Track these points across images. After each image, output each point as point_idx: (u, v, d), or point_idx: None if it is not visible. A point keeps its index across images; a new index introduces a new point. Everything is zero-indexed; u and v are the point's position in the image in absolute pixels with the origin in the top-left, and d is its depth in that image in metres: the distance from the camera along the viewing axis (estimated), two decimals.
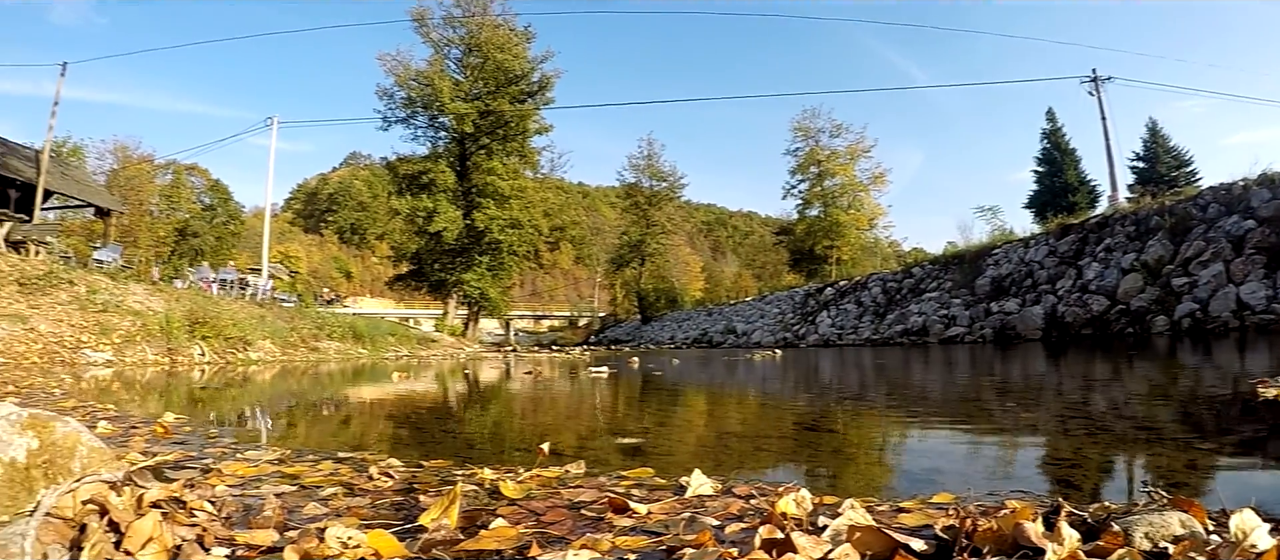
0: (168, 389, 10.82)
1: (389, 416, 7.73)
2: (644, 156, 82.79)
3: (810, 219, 71.28)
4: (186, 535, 2.20)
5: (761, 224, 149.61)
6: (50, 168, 32.35)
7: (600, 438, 5.63)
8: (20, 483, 2.23)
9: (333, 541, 2.08)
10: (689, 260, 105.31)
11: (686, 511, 2.41)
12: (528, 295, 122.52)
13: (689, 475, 2.93)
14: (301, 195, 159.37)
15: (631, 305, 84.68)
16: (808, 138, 71.19)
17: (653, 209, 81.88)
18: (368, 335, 27.33)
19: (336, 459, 3.99)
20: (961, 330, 28.42)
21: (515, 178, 55.07)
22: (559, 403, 9.02)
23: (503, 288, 58.07)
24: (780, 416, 6.87)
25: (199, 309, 19.83)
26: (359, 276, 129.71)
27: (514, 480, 3.11)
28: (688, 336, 57.03)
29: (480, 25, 55.19)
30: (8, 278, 17.05)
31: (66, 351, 14.63)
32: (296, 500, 2.89)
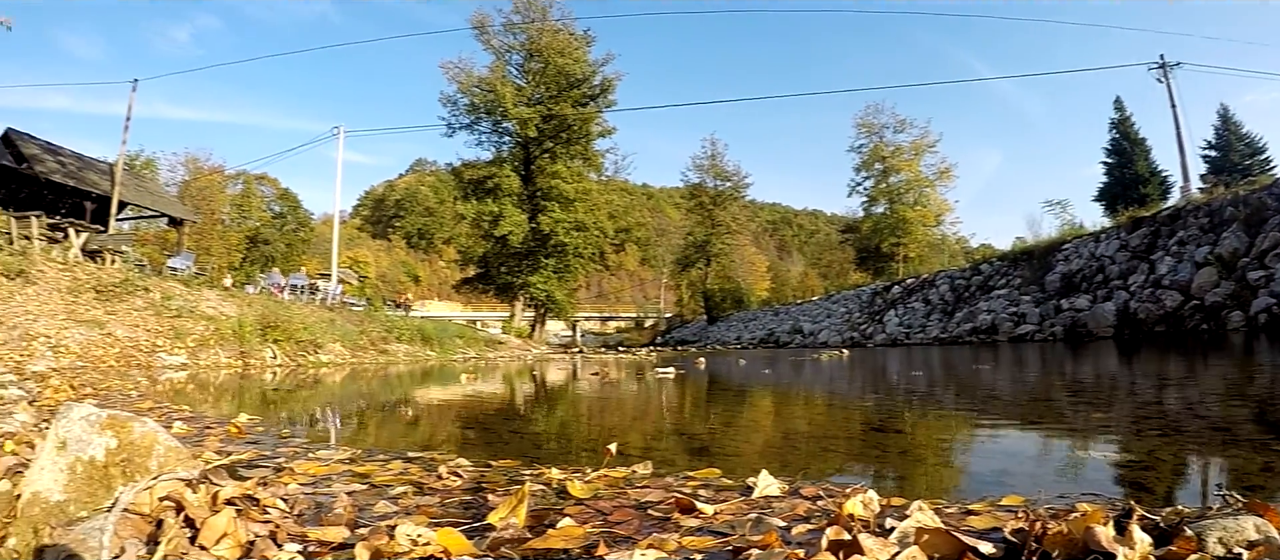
0: (240, 391, 11.00)
1: (457, 417, 7.78)
2: (707, 156, 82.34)
3: (876, 216, 70.61)
4: (260, 531, 2.25)
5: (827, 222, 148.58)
6: (124, 180, 33.08)
7: (667, 438, 5.63)
8: (99, 480, 2.31)
9: (402, 539, 2.11)
10: (754, 260, 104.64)
11: (753, 512, 2.40)
12: (594, 297, 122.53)
13: (756, 476, 2.93)
14: (369, 202, 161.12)
15: (697, 306, 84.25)
16: (871, 134, 70.52)
17: (717, 209, 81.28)
18: (436, 338, 27.51)
19: (406, 458, 4.03)
20: (1031, 328, 27.92)
21: (579, 181, 55.22)
22: (626, 404, 9.01)
23: (569, 290, 58.17)
24: (847, 417, 6.81)
25: (270, 313, 20.12)
26: (427, 280, 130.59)
27: (581, 480, 3.12)
28: (754, 337, 56.72)
29: (540, 31, 55.45)
30: (85, 285, 17.44)
31: (142, 355, 14.92)
32: (367, 498, 2.94)
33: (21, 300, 15.26)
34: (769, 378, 13.53)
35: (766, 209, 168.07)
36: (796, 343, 47.87)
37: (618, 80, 56.93)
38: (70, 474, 2.30)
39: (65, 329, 14.59)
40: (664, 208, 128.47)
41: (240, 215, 74.79)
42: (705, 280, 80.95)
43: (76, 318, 15.51)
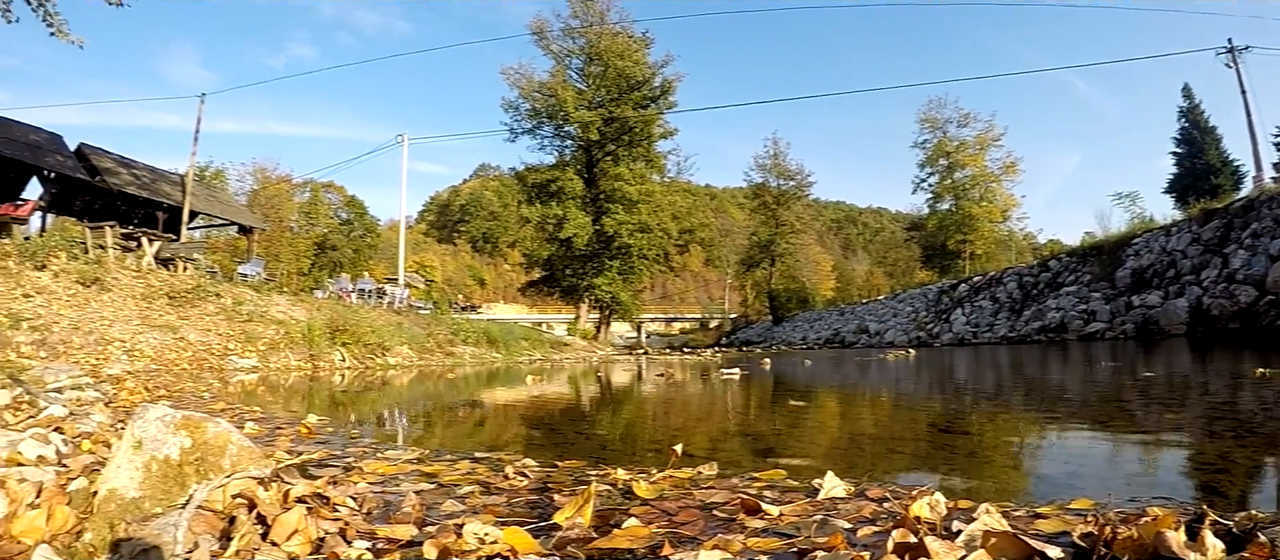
0: (310, 392, 11.14)
1: (523, 418, 7.82)
2: (770, 156, 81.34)
3: (941, 213, 69.38)
4: (330, 529, 2.29)
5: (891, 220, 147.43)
6: (195, 190, 33.87)
7: (732, 439, 5.62)
8: (173, 478, 2.40)
9: (470, 537, 2.13)
10: (819, 259, 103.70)
11: (818, 514, 2.40)
12: (659, 298, 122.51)
13: (821, 477, 2.92)
14: (434, 207, 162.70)
15: (762, 306, 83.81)
16: (935, 129, 69.23)
17: (781, 208, 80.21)
18: (501, 340, 27.61)
19: (473, 459, 4.07)
20: (1101, 326, 27.36)
21: (642, 182, 55.15)
22: (691, 405, 9.00)
23: (633, 291, 58.14)
24: (914, 418, 6.75)
25: (339, 317, 20.33)
26: (492, 283, 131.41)
27: (647, 481, 3.13)
28: (819, 337, 56.34)
29: (599, 34, 55.49)
30: (159, 292, 17.77)
31: (214, 358, 15.16)
32: (435, 497, 2.98)
33: (97, 306, 15.59)
34: (835, 378, 13.46)
35: (830, 207, 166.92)
36: (862, 343, 47.45)
37: (678, 81, 56.89)
38: (145, 472, 2.39)
39: (139, 334, 14.88)
40: (727, 208, 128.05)
41: (308, 222, 75.77)
42: (770, 280, 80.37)
43: (150, 323, 15.81)
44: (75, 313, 14.73)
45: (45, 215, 28.58)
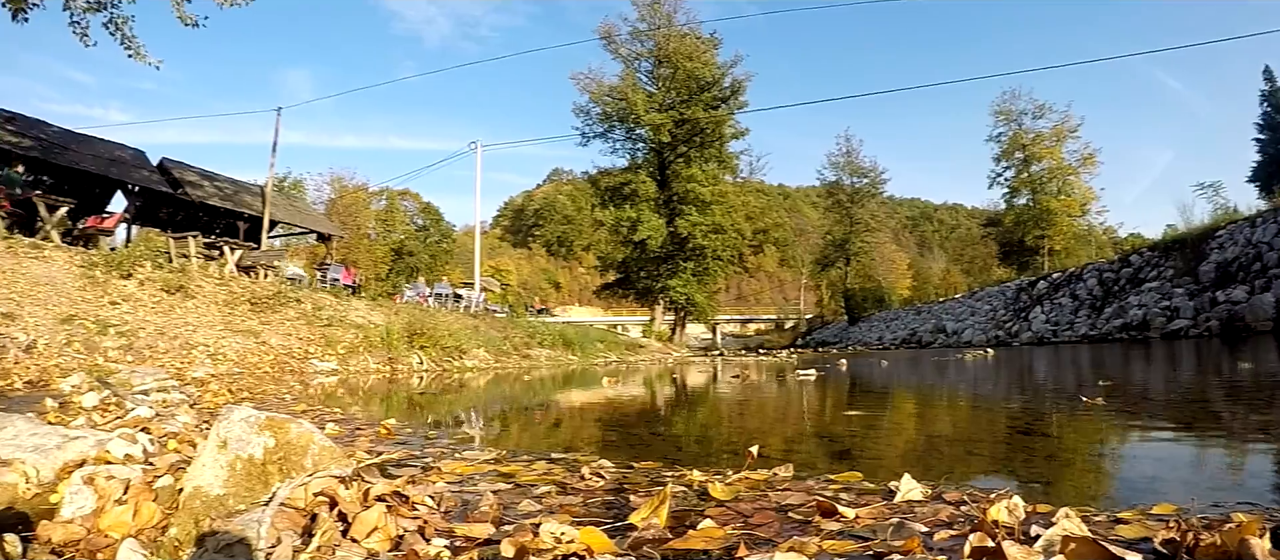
0: (389, 394, 11.28)
1: (599, 420, 7.83)
2: (843, 153, 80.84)
3: (1018, 208, 67.61)
4: (409, 527, 2.33)
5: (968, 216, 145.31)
6: (274, 199, 34.59)
7: (808, 441, 5.59)
8: (257, 476, 2.48)
9: (546, 537, 2.15)
10: (895, 258, 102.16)
11: (895, 517, 2.38)
12: (733, 299, 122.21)
13: (898, 479, 2.89)
14: (509, 212, 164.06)
15: (838, 306, 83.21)
16: (1009, 121, 67.45)
17: (855, 206, 79.60)
18: (577, 342, 27.70)
19: (549, 459, 4.09)
20: (1185, 323, 26.63)
21: (715, 183, 55.08)
22: (767, 406, 8.97)
23: (708, 292, 58.10)
24: (993, 419, 6.66)
25: (416, 321, 20.55)
26: (567, 286, 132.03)
27: (722, 482, 3.12)
28: (896, 337, 55.85)
29: (667, 36, 55.59)
30: (241, 298, 18.12)
31: (295, 362, 15.42)
32: (512, 497, 3.00)
33: (181, 313, 15.93)
34: (912, 379, 13.33)
35: (905, 204, 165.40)
36: (940, 342, 46.94)
37: (747, 81, 56.83)
38: (230, 470, 2.47)
39: (222, 338, 15.17)
40: (801, 207, 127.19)
41: (385, 229, 76.67)
42: (845, 280, 79.79)
43: (232, 328, 16.12)
44: (160, 319, 15.07)
45: (130, 226, 29.51)
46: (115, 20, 15.83)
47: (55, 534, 2.49)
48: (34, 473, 3.01)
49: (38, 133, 25.30)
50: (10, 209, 19.47)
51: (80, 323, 13.23)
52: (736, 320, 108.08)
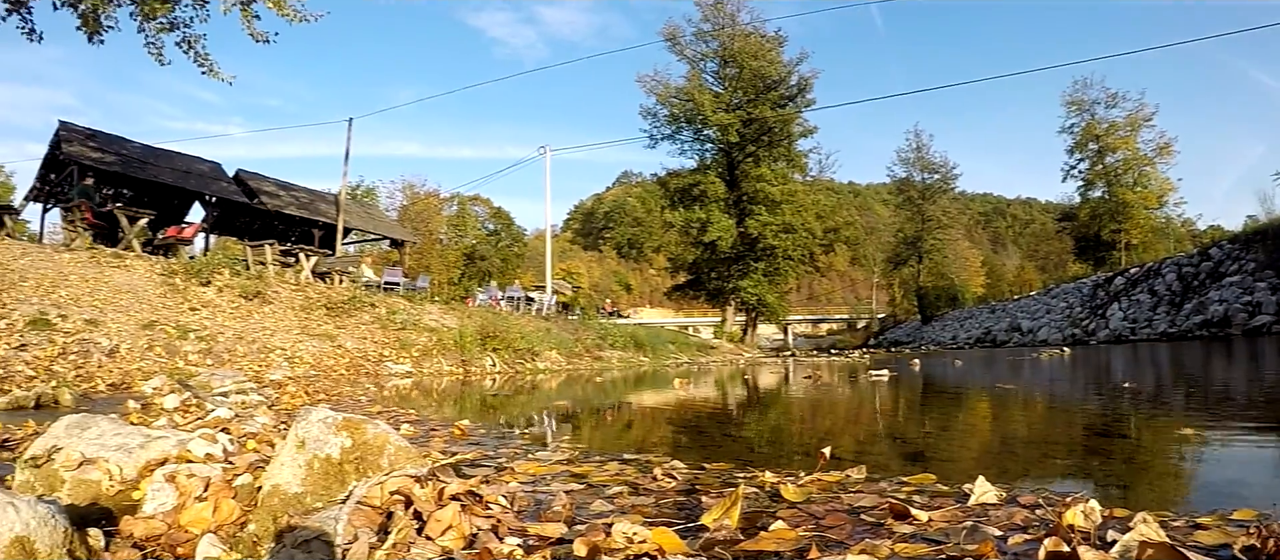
0: (462, 396, 11.41)
1: (670, 421, 7.85)
2: (913, 149, 79.53)
3: (1093, 201, 65.94)
4: (482, 525, 2.36)
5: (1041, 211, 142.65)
6: (348, 207, 35.36)
7: (881, 442, 5.56)
8: (334, 475, 2.54)
9: (618, 536, 2.16)
10: (967, 255, 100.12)
11: (968, 520, 2.36)
12: (805, 299, 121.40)
13: (972, 482, 2.86)
14: (579, 215, 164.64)
15: (910, 305, 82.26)
16: (1082, 111, 65.81)
17: (926, 203, 78.31)
18: (648, 344, 27.76)
19: (621, 460, 4.11)
20: (1268, 319, 25.83)
21: (785, 182, 54.72)
22: (839, 407, 8.93)
23: (779, 293, 57.74)
24: (1069, 421, 6.58)
25: (489, 324, 20.74)
26: (638, 288, 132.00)
27: (794, 484, 3.10)
28: (970, 336, 55.14)
29: (731, 36, 55.36)
30: (316, 303, 18.42)
31: (370, 364, 15.63)
32: (584, 497, 3.03)
33: (259, 318, 16.22)
34: (986, 380, 13.18)
35: (978, 200, 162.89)
36: (1015, 341, 46.24)
37: (814, 78, 56.17)
38: (308, 469, 2.54)
39: (299, 342, 15.42)
40: (872, 205, 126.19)
41: (457, 234, 77.38)
42: (917, 278, 78.80)
43: (309, 332, 16.38)
44: (238, 324, 15.35)
45: (208, 236, 30.52)
46: (188, 39, 16.16)
47: (137, 529, 2.58)
48: (117, 470, 3.12)
49: (118, 149, 26.31)
50: (93, 221, 20.04)
51: (161, 328, 13.52)
52: (808, 320, 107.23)
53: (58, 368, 10.50)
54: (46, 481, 3.05)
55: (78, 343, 11.67)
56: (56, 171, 25.77)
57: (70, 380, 9.83)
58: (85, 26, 15.42)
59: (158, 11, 15.30)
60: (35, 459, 3.15)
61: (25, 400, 7.69)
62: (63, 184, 25.05)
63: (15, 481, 3.13)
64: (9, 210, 22.33)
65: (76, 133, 25.72)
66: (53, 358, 10.83)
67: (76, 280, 14.49)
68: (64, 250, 17.03)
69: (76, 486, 3.02)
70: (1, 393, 8.28)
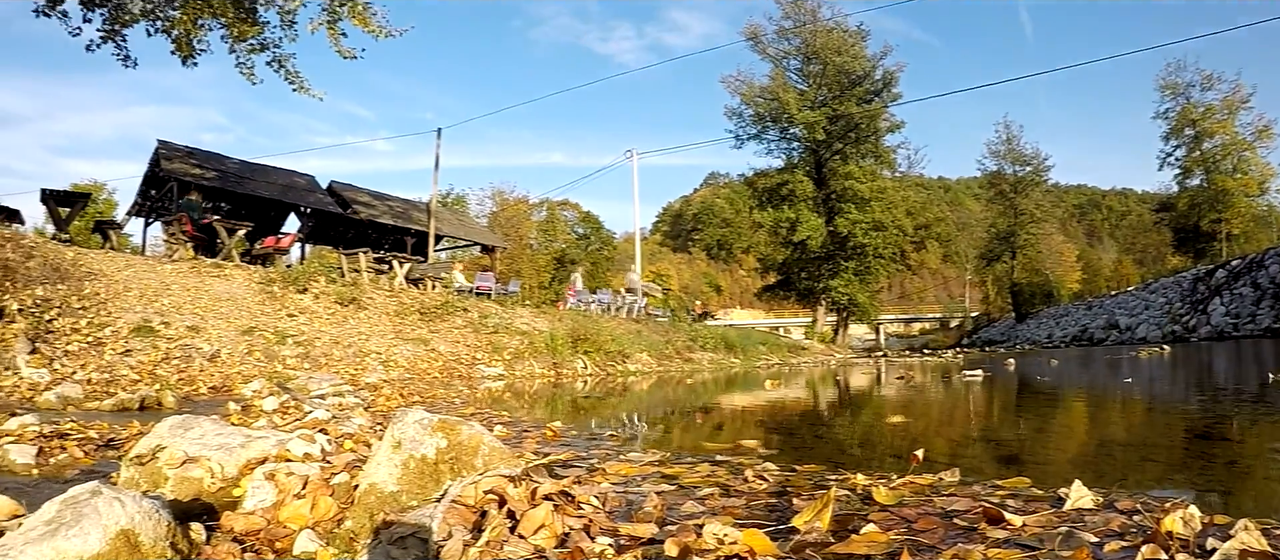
0: (554, 398, 11.51)
1: (761, 422, 7.83)
2: (1003, 141, 77.33)
3: (1192, 190, 63.95)
4: (574, 525, 2.39)
5: (1138, 201, 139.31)
6: (440, 215, 36.14)
7: (974, 445, 5.50)
8: (429, 475, 2.64)
9: (709, 537, 2.18)
10: (1062, 249, 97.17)
11: (1063, 525, 2.32)
12: (897, 298, 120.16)
13: (1067, 486, 2.81)
14: (667, 218, 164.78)
15: (1004, 302, 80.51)
16: (1176, 95, 63.52)
17: (1018, 196, 76.09)
18: (739, 345, 27.72)
19: (712, 462, 4.10)
20: None
21: (873, 179, 54.36)
22: (932, 408, 8.84)
23: (871, 292, 57.36)
24: (1169, 423, 6.43)
25: (580, 327, 20.85)
26: (728, 289, 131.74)
27: (886, 486, 3.07)
28: (1066, 334, 53.95)
29: (813, 32, 55.09)
30: (410, 308, 18.71)
31: (463, 367, 15.81)
32: (675, 498, 3.03)
33: (354, 323, 16.52)
34: (1082, 380, 12.95)
35: (1072, 192, 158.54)
36: (1112, 339, 45.12)
37: (899, 72, 55.87)
38: (403, 469, 2.64)
39: (393, 346, 15.67)
40: (963, 200, 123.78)
41: (546, 239, 78.02)
42: (1011, 274, 77.05)
43: (403, 336, 16.63)
44: (334, 329, 15.65)
45: (303, 245, 31.92)
46: (278, 58, 16.55)
47: (237, 524, 2.70)
48: (218, 469, 3.27)
49: (217, 165, 27.58)
50: (193, 233, 20.67)
51: (260, 333, 13.84)
52: (900, 320, 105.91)
53: (161, 372, 10.80)
54: (151, 478, 3.21)
55: (180, 348, 12.00)
56: (156, 188, 27.09)
57: (173, 383, 10.11)
58: (179, 50, 15.90)
59: (247, 34, 15.70)
60: (140, 457, 3.31)
61: (130, 402, 7.97)
62: (163, 199, 26.27)
63: (121, 478, 3.31)
64: (113, 225, 23.20)
65: (176, 150, 26.93)
66: (156, 362, 11.15)
67: (178, 289, 14.88)
68: (166, 261, 17.52)
69: (179, 483, 3.18)
70: (107, 395, 8.59)
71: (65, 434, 5.31)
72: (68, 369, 9.91)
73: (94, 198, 42.50)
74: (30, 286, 11.56)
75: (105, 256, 15.95)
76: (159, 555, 2.18)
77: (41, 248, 13.69)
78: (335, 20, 15.35)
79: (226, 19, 15.31)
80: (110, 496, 2.18)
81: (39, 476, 4.17)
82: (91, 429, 5.55)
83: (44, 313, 11.07)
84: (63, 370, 9.80)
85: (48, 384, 8.92)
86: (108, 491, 2.21)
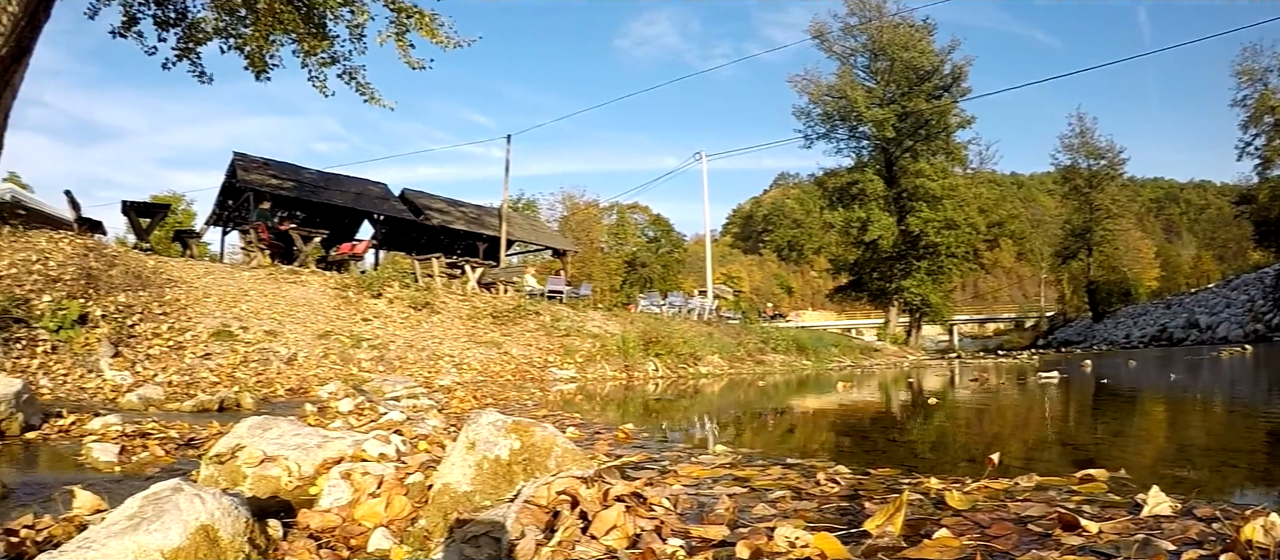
0: (625, 400, 11.57)
1: (833, 425, 7.82)
2: (1076, 134, 74.40)
3: (1273, 180, 60.05)
4: (646, 526, 2.42)
5: (1217, 194, 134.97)
6: (511, 219, 36.98)
7: (1050, 448, 5.44)
8: (502, 475, 2.70)
9: (780, 540, 2.19)
10: (1139, 246, 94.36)
11: (1140, 532, 2.28)
12: (970, 298, 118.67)
13: (1145, 492, 2.78)
14: (738, 219, 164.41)
15: (1080, 301, 78.59)
16: (1253, 80, 59.36)
17: (1093, 191, 72.93)
18: (810, 347, 27.68)
19: (784, 464, 4.12)
20: None
21: (945, 177, 53.52)
22: (1006, 411, 8.74)
23: (944, 292, 56.54)
24: (1250, 426, 6.30)
25: (651, 330, 20.94)
26: (799, 291, 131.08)
27: (960, 490, 3.05)
28: (1144, 334, 52.71)
29: (879, 28, 54.41)
30: (483, 312, 18.90)
31: (535, 370, 15.95)
32: (746, 501, 3.04)
33: (428, 327, 16.73)
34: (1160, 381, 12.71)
35: (1148, 185, 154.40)
36: (1192, 338, 43.99)
37: (968, 66, 54.94)
38: (477, 469, 2.69)
39: (466, 350, 15.85)
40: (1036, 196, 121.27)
41: (617, 242, 78.23)
42: (1087, 272, 75.16)
43: (476, 340, 16.81)
44: (408, 333, 15.86)
45: (377, 252, 32.87)
46: (348, 71, 16.83)
47: (313, 521, 2.78)
48: (295, 468, 3.37)
49: (292, 175, 28.66)
50: (270, 241, 21.16)
51: (335, 338, 14.07)
52: (974, 320, 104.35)
53: (239, 375, 11.05)
54: (230, 476, 3.33)
55: (258, 352, 12.26)
56: (233, 198, 28.06)
57: (251, 386, 10.35)
58: (252, 65, 16.23)
59: (317, 48, 15.98)
60: (219, 456, 3.43)
61: (210, 404, 8.23)
62: (240, 209, 27.12)
63: (201, 476, 3.43)
64: (192, 234, 23.99)
65: (252, 162, 27.84)
66: (235, 365, 11.40)
67: (256, 295, 15.18)
68: (244, 268, 17.92)
69: (257, 481, 3.28)
70: (187, 397, 8.89)
71: (147, 433, 5.50)
72: (149, 372, 10.19)
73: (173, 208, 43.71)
74: (113, 293, 11.87)
75: (185, 264, 16.32)
76: (237, 550, 2.25)
77: (123, 256, 14.06)
78: (403, 32, 15.55)
79: (297, 34, 15.58)
80: (191, 493, 2.25)
81: (121, 474, 4.34)
82: (172, 429, 5.74)
83: (126, 318, 11.38)
84: (144, 373, 10.09)
85: (130, 386, 9.20)
86: (188, 488, 2.28)
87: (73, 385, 9.07)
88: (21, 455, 4.88)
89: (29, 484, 3.74)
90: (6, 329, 9.52)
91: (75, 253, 12.17)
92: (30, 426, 5.62)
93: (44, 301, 10.37)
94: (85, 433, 5.55)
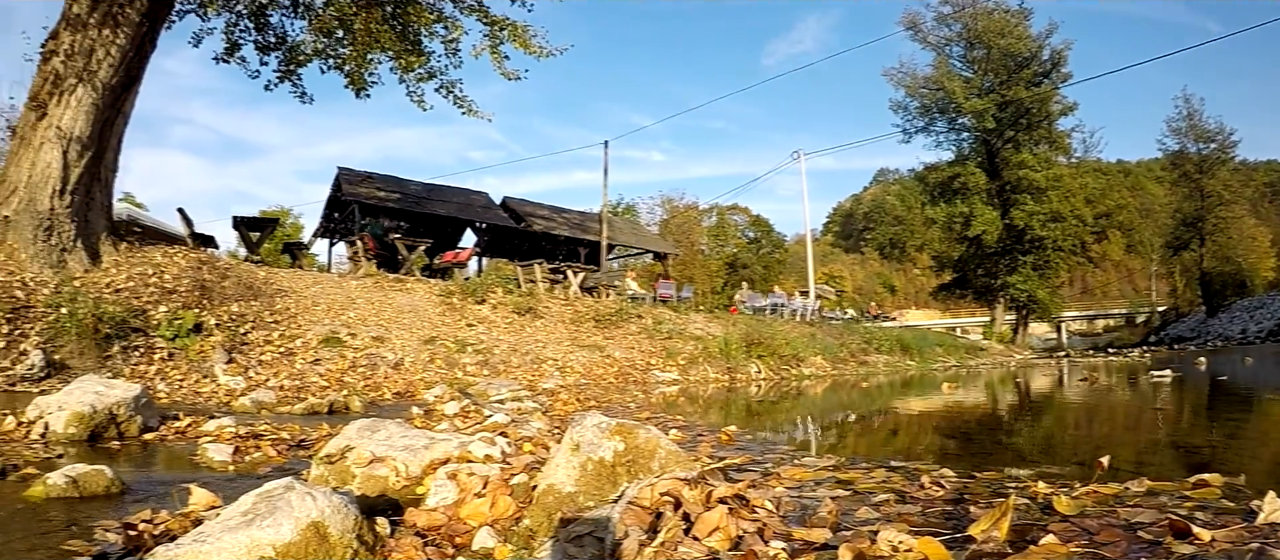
0: (728, 403, 11.56)
1: (938, 427, 7.74)
2: (1183, 117, 71.12)
3: None
4: (748, 528, 2.46)
5: None
6: (612, 224, 37.85)
7: (1162, 451, 5.32)
8: (606, 477, 2.75)
9: (884, 544, 2.20)
10: (1254, 233, 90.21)
11: (1254, 541, 2.24)
12: (1078, 294, 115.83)
13: (1261, 498, 2.71)
14: (838, 218, 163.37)
15: (1193, 295, 75.80)
16: None
17: (1204, 177, 69.56)
18: (915, 347, 27.36)
19: (888, 467, 4.11)
20: None
21: (1049, 167, 52.07)
22: (1116, 412, 8.57)
23: (1050, 288, 55.18)
24: None
25: (753, 331, 20.88)
26: (902, 289, 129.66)
27: (1068, 495, 3.02)
28: (1261, 328, 50.95)
29: (973, 15, 53.38)
30: (585, 316, 19.04)
31: (637, 373, 16.00)
32: (849, 504, 3.05)
33: (531, 332, 16.90)
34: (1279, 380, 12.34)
35: (1261, 169, 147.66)
36: None
37: (1067, 50, 53.10)
38: (581, 471, 2.75)
39: (569, 353, 15.98)
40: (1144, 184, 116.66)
41: (717, 244, 78.27)
42: (1200, 263, 72.08)
43: (578, 343, 16.94)
44: (512, 337, 16.05)
45: (480, 259, 33.39)
46: (445, 84, 17.10)
47: (420, 520, 2.86)
48: (403, 468, 3.51)
49: (395, 188, 29.62)
50: (376, 251, 21.74)
51: (440, 343, 14.30)
52: (1083, 317, 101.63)
53: (348, 379, 11.30)
54: (339, 476, 3.48)
55: (365, 357, 12.54)
56: (339, 210, 29.39)
57: (359, 389, 10.59)
58: (352, 84, 16.59)
59: (413, 65, 16.25)
60: (329, 457, 3.57)
61: (319, 407, 8.50)
62: (345, 221, 28.38)
63: (311, 475, 3.59)
64: (300, 246, 24.98)
65: (355, 176, 29.01)
66: (343, 370, 11.67)
67: (363, 303, 15.52)
68: (351, 277, 18.36)
69: (366, 481, 3.43)
70: (298, 400, 9.16)
71: (259, 435, 5.71)
72: (261, 376, 10.51)
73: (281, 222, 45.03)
74: (226, 303, 12.27)
75: (294, 275, 16.74)
76: (346, 547, 2.33)
77: (235, 269, 14.49)
78: (497, 44, 15.76)
79: (393, 52, 15.89)
80: (302, 491, 2.34)
81: (235, 473, 4.53)
82: (283, 430, 5.95)
83: (239, 326, 11.75)
84: (257, 378, 10.41)
85: (243, 390, 9.54)
86: (300, 486, 2.38)
87: (188, 390, 9.42)
88: (140, 455, 5.07)
89: (147, 481, 3.91)
90: (126, 338, 9.93)
91: (189, 266, 12.58)
92: (148, 428, 5.83)
93: (160, 312, 10.77)
94: (201, 434, 5.76)
